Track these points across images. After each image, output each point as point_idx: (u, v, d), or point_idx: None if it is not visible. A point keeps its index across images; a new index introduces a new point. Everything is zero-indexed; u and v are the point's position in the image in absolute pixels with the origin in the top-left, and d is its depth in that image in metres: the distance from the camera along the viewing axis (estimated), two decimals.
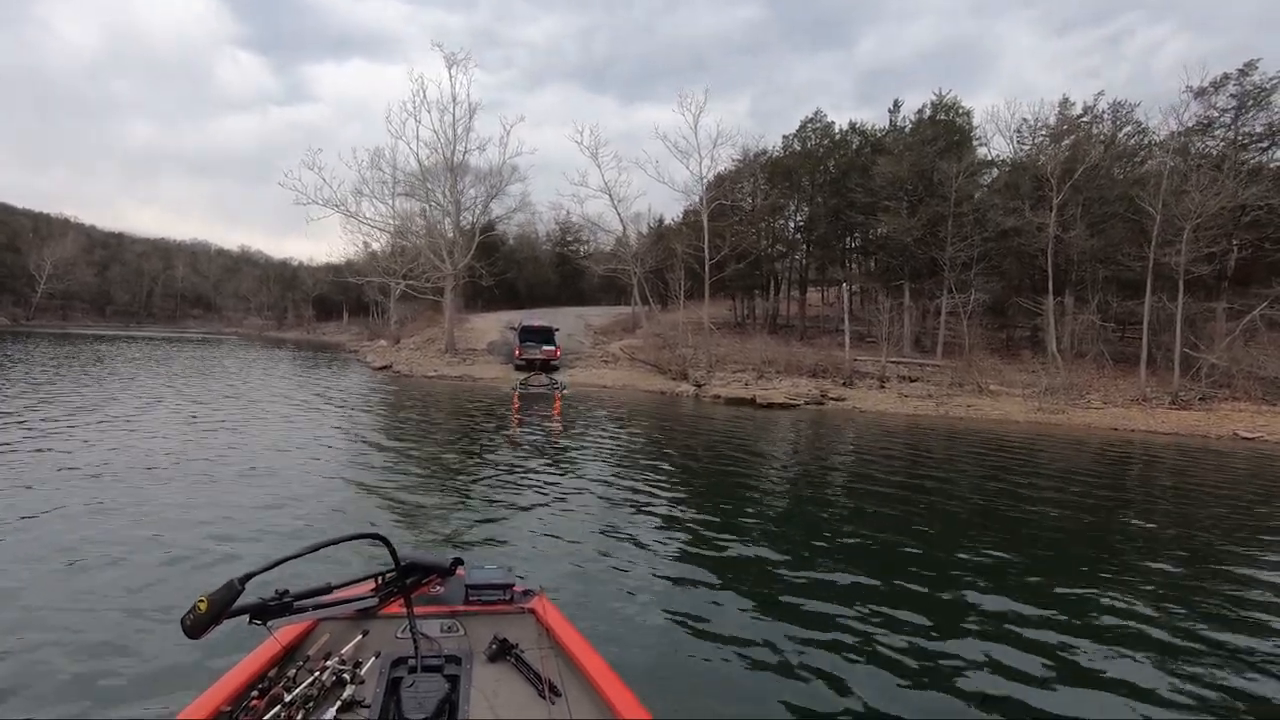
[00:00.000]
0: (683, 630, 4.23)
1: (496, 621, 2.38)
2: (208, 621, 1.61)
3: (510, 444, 11.20)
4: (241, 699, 1.86)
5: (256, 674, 1.99)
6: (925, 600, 4.88)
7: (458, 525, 6.32)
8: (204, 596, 1.62)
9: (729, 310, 38.41)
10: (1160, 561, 6.07)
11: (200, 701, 1.83)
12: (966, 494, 8.77)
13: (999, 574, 5.54)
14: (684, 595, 4.83)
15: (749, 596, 4.82)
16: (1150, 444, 14.95)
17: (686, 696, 3.50)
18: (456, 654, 2.11)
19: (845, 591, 5.00)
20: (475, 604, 2.49)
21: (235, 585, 1.63)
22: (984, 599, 4.94)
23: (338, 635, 2.21)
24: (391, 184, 32.30)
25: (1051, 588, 5.25)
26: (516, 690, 2.00)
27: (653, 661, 3.85)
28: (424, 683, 1.87)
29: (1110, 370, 23.18)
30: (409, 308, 41.56)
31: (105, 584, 4.55)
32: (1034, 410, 18.98)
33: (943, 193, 26.61)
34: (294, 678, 1.91)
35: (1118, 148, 26.86)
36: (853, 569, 5.46)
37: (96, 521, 5.80)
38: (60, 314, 68.59)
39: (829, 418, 17.68)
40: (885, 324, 24.66)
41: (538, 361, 24.20)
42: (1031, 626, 4.49)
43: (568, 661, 2.19)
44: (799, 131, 34.96)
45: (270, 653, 2.08)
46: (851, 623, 4.45)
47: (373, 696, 1.88)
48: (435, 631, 2.25)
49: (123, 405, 12.80)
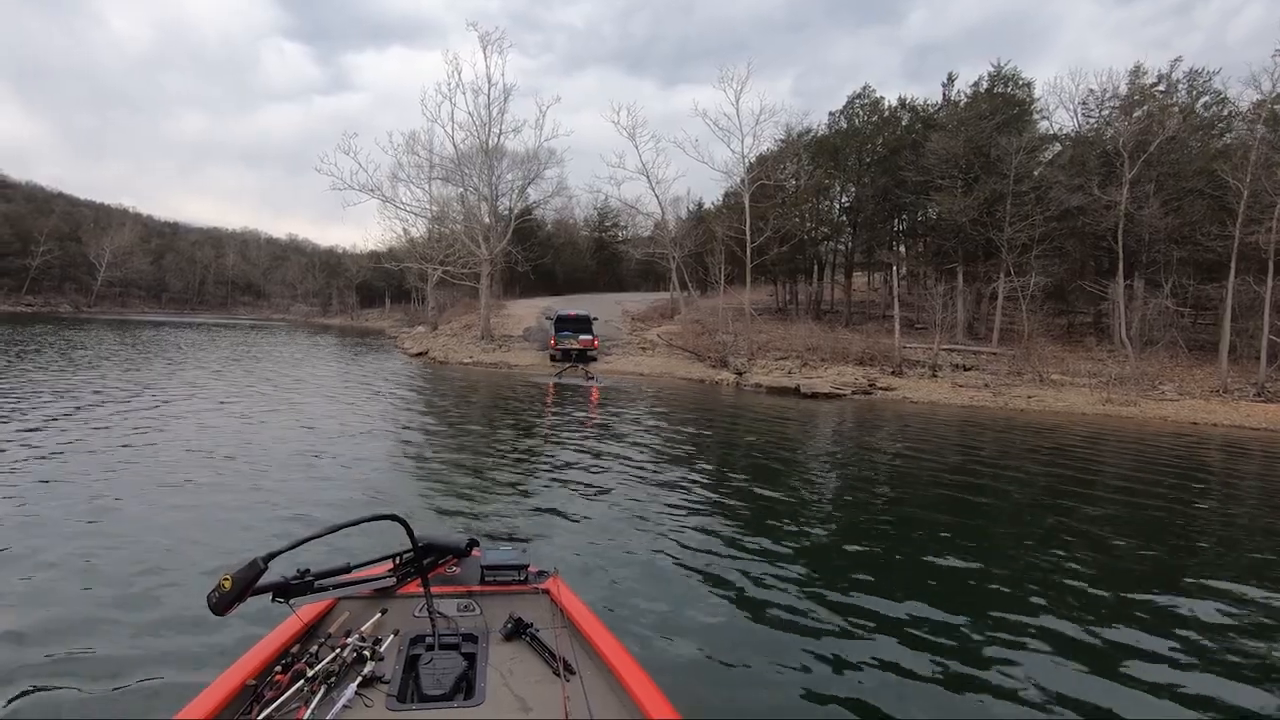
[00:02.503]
0: (709, 632, 4.09)
1: (511, 601, 2.40)
2: (232, 599, 1.64)
3: (544, 437, 10.75)
4: (265, 674, 1.88)
5: (279, 650, 2.03)
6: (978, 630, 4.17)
7: (486, 514, 6.20)
8: (228, 575, 1.65)
9: (770, 296, 37.34)
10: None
11: (225, 676, 1.87)
12: (1037, 499, 7.91)
13: (1085, 611, 4.77)
14: (711, 594, 4.65)
15: (775, 603, 4.53)
16: (1239, 440, 13.64)
17: (709, 691, 3.41)
18: (473, 632, 2.15)
19: (889, 613, 4.37)
20: (491, 584, 2.51)
21: (258, 564, 1.68)
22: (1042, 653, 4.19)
23: (357, 614, 2.25)
24: (428, 168, 32.18)
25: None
26: (532, 668, 2.02)
27: (679, 655, 3.78)
28: (441, 660, 1.95)
29: (1185, 359, 21.54)
30: (448, 295, 41.63)
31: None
32: (1102, 401, 17.65)
33: (1001, 169, 25.02)
34: (316, 654, 1.92)
35: (1196, 118, 24.83)
36: (900, 592, 4.76)
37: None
38: (119, 301, 71.28)
39: (878, 409, 16.74)
40: (939, 309, 23.34)
41: (574, 352, 23.52)
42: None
43: (582, 640, 2.22)
44: (845, 108, 33.42)
45: (292, 630, 2.13)
46: (887, 648, 3.99)
47: (392, 673, 1.91)
48: (452, 611, 2.28)
49: (169, 391, 12.89)
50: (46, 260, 63.62)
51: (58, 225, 66.91)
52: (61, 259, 65.79)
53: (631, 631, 3.91)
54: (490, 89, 29.11)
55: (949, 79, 31.60)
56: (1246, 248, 20.21)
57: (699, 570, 5.03)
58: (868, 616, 4.33)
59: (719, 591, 4.67)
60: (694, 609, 4.35)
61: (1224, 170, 20.55)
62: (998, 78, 28.75)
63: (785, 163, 32.97)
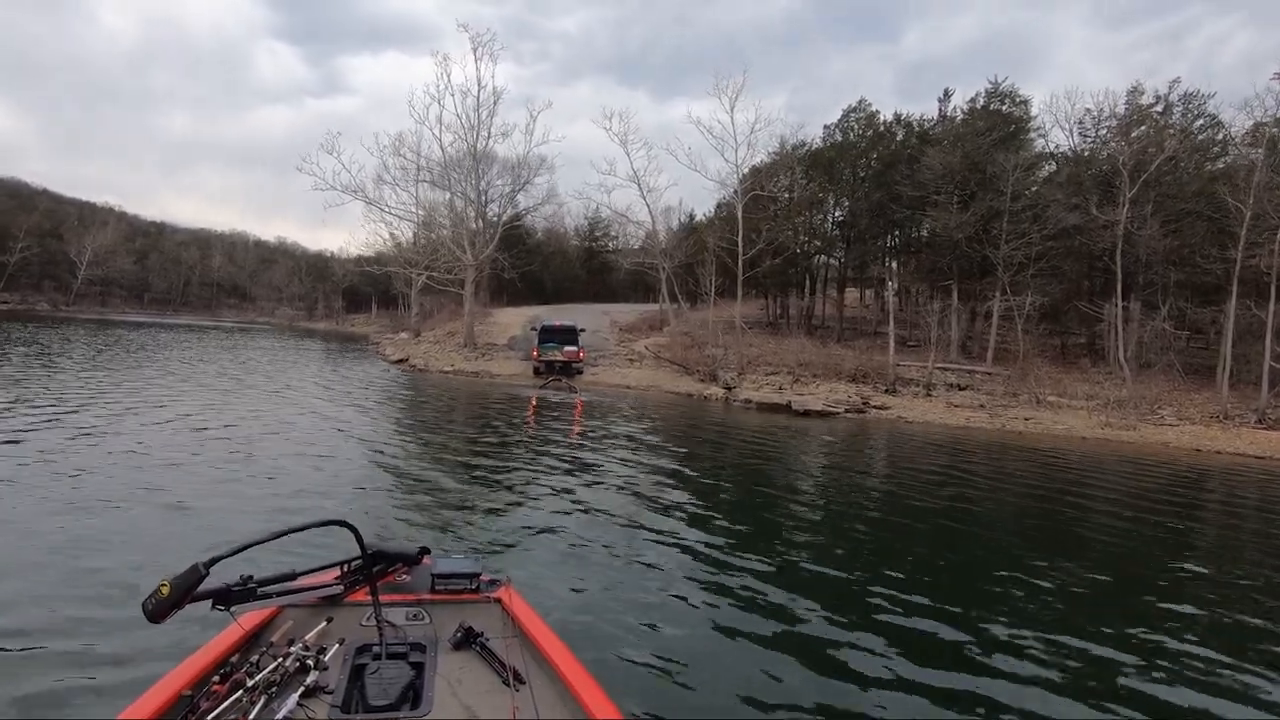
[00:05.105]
0: (673, 643, 4.01)
1: (462, 610, 2.36)
2: (169, 605, 1.58)
3: (524, 450, 10.01)
4: (202, 683, 1.80)
5: (218, 659, 1.96)
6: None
7: (444, 527, 5.96)
8: (166, 580, 1.59)
9: (761, 309, 36.76)
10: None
11: (159, 685, 1.79)
12: (1046, 533, 7.25)
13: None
14: (679, 609, 4.56)
15: (756, 628, 4.32)
16: (1244, 470, 13.09)
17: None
18: (421, 641, 2.09)
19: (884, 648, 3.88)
20: (441, 593, 2.46)
21: (199, 569, 1.61)
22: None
23: (302, 622, 2.18)
24: (415, 171, 31.45)
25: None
26: (481, 678, 1.98)
27: (640, 666, 3.69)
28: (388, 670, 1.89)
29: (1181, 383, 21.08)
30: (434, 301, 40.78)
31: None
32: (1101, 425, 17.11)
33: (998, 186, 24.61)
34: (257, 663, 1.82)
35: (1193, 139, 24.59)
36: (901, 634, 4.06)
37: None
38: (100, 300, 69.81)
39: (872, 428, 16.10)
40: (934, 326, 22.81)
41: (558, 364, 22.63)
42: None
43: (533, 650, 2.18)
44: (841, 121, 33.02)
45: (233, 638, 2.06)
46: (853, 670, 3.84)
47: (336, 683, 1.85)
48: (400, 619, 2.22)
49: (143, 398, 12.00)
50: (25, 257, 62.18)
51: (39, 222, 65.50)
52: (41, 256, 64.28)
53: (595, 639, 3.83)
54: (480, 91, 28.55)
55: (945, 95, 31.43)
56: (1245, 271, 19.85)
57: (667, 588, 4.90)
58: (834, 642, 4.19)
59: (688, 606, 4.57)
60: (660, 622, 4.28)
61: (1225, 192, 20.23)
62: (994, 94, 28.50)
63: (779, 174, 32.52)
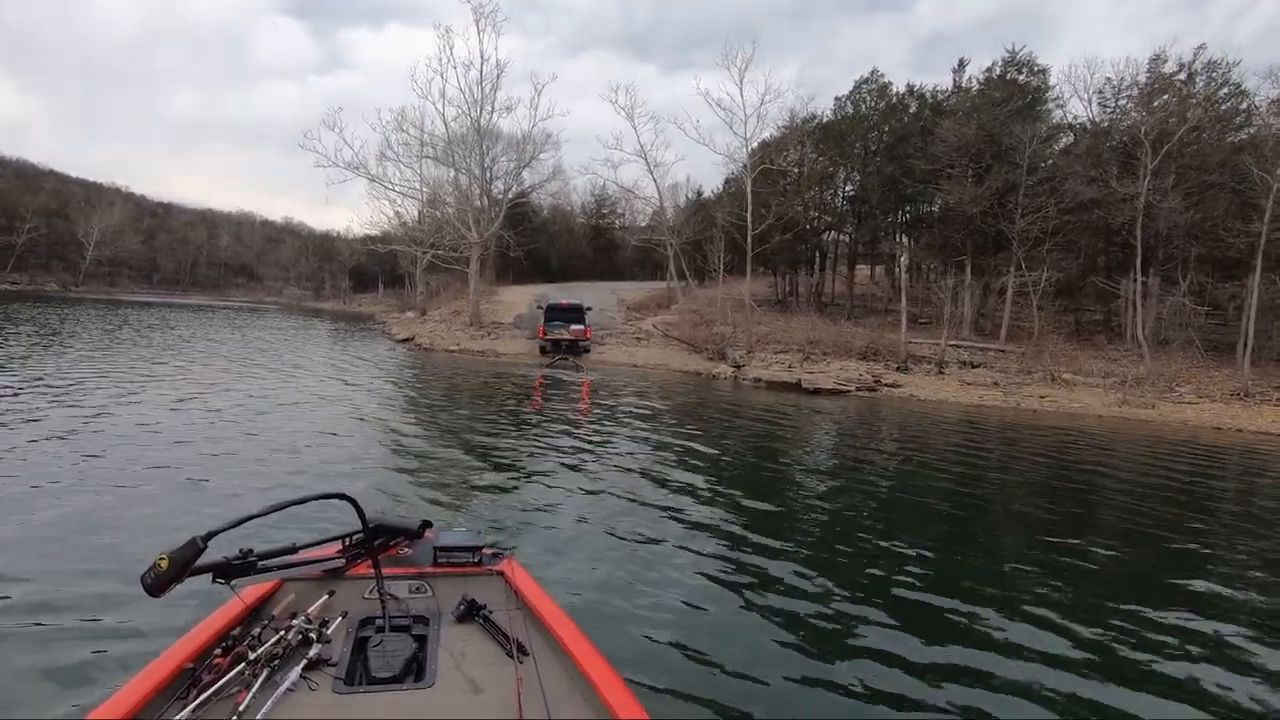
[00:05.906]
0: (680, 620, 3.96)
1: (465, 583, 2.36)
2: (169, 579, 1.59)
3: (530, 429, 9.84)
4: (204, 656, 1.79)
5: (220, 632, 1.94)
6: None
7: (448, 505, 5.90)
8: (165, 554, 1.59)
9: (770, 287, 36.30)
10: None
11: (161, 659, 1.78)
12: (1071, 516, 7.01)
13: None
14: (686, 585, 4.47)
15: (764, 603, 4.27)
16: (1267, 448, 12.76)
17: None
18: (424, 614, 2.09)
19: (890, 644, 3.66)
20: (444, 565, 2.46)
21: (197, 543, 1.61)
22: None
23: (304, 595, 2.16)
24: (419, 147, 30.98)
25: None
26: (484, 650, 1.97)
27: (648, 643, 3.64)
28: (391, 642, 1.89)
29: (1200, 359, 20.64)
30: (441, 280, 40.52)
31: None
32: (1118, 403, 16.77)
33: (1014, 159, 23.93)
34: (259, 636, 1.83)
35: (1218, 108, 23.78)
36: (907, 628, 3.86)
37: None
38: (109, 280, 69.95)
39: (884, 406, 15.84)
40: (947, 303, 22.38)
41: (564, 342, 22.33)
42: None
43: (536, 622, 2.16)
44: (852, 93, 32.25)
45: (234, 611, 2.03)
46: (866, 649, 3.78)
47: (339, 655, 1.84)
48: (403, 592, 2.22)
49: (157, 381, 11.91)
50: (33, 238, 62.21)
51: (46, 202, 65.47)
52: (49, 237, 64.30)
53: (600, 613, 3.80)
54: (483, 65, 27.96)
55: (960, 65, 30.51)
56: (1269, 244, 19.26)
57: (673, 564, 4.84)
58: (847, 619, 4.12)
59: (694, 582, 4.51)
60: (666, 598, 4.21)
61: (1249, 163, 19.58)
62: (1011, 63, 27.65)
63: (789, 148, 31.84)
